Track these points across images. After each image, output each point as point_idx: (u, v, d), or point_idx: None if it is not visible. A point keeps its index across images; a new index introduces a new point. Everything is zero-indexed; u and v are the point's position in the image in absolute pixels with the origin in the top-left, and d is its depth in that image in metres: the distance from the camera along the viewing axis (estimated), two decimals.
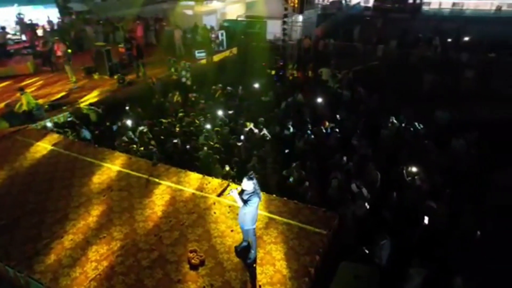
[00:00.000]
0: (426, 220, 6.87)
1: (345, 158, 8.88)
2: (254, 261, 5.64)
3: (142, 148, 9.45)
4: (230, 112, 12.18)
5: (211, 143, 9.66)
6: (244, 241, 5.86)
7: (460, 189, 7.75)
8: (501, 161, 8.97)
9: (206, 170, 8.64)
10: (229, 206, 6.91)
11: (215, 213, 6.76)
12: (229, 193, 5.34)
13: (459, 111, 12.30)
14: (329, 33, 22.72)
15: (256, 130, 10.30)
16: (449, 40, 20.47)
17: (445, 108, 12.21)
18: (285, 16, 18.14)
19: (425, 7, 37.88)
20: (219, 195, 7.26)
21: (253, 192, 5.13)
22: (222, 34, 20.70)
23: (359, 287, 5.37)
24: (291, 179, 8.20)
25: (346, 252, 6.19)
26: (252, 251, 5.64)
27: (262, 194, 5.50)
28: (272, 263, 5.63)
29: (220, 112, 11.76)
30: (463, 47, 19.71)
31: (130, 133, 10.11)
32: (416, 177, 7.99)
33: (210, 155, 9.06)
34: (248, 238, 5.66)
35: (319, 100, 12.83)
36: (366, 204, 7.22)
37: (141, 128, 10.36)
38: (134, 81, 14.86)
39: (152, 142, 9.82)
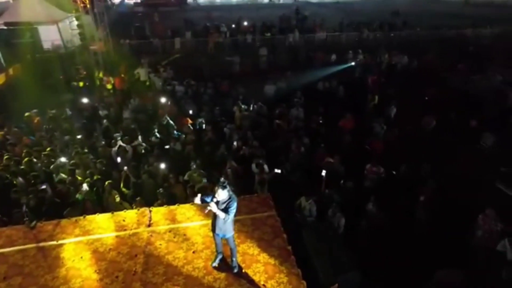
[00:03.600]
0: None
1: (235, 144, 9.32)
2: (239, 267, 5.47)
3: None
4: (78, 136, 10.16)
5: (86, 177, 8.01)
6: (218, 254, 5.53)
7: None
8: None
9: (100, 207, 7.26)
10: (169, 230, 6.21)
11: (161, 244, 5.93)
12: (207, 209, 4.93)
13: (279, 82, 14.69)
14: (119, 34, 21.42)
15: (125, 146, 9.18)
16: (233, 26, 23.22)
17: (269, 82, 14.34)
18: (78, 18, 15.84)
19: None
20: (149, 225, 6.34)
21: (229, 199, 4.92)
22: None
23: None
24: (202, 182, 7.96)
25: None
26: (234, 259, 5.44)
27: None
28: (256, 260, 5.61)
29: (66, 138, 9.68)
30: (244, 31, 22.91)
31: None
32: None
33: (93, 190, 7.56)
34: (230, 245, 5.37)
35: (163, 100, 12.41)
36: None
37: None
38: None
39: None
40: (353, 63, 16.06)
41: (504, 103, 13.11)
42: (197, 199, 4.99)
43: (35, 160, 8.78)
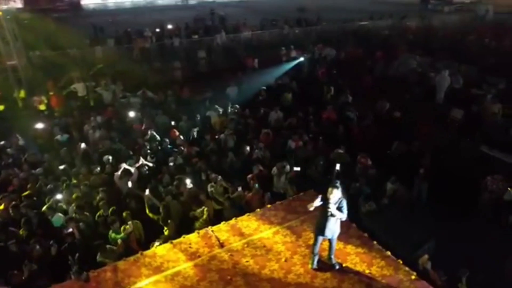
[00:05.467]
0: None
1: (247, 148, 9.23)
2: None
3: None
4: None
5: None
6: (315, 255, 5.58)
7: None
8: None
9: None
10: (246, 245, 5.99)
11: (247, 261, 5.68)
12: (313, 206, 5.03)
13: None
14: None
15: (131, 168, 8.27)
16: (158, 30, 22.04)
17: (232, 84, 14.27)
18: None
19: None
20: (222, 245, 5.98)
21: (340, 198, 5.06)
22: None
23: None
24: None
25: None
26: (332, 256, 5.58)
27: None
28: (346, 253, 5.85)
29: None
30: (170, 34, 21.98)
31: None
32: None
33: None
34: (332, 245, 5.48)
35: (132, 114, 11.37)
36: None
37: None
38: None
39: None
40: (301, 58, 16.93)
41: (428, 83, 15.56)
42: (317, 202, 4.98)
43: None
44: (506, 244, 6.63)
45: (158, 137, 10.01)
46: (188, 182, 7.71)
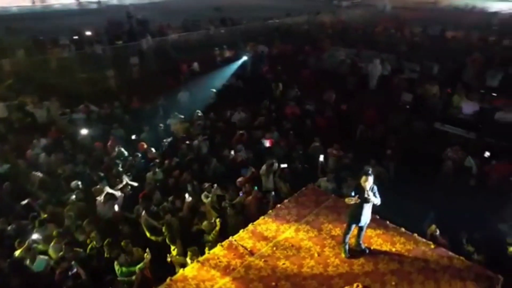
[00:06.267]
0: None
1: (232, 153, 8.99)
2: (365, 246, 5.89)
3: None
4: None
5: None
6: (346, 244, 5.74)
7: None
8: None
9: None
10: (274, 248, 5.90)
11: (284, 263, 5.60)
12: (353, 200, 5.20)
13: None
14: None
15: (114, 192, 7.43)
16: (75, 37, 19.90)
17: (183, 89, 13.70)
18: None
19: None
20: (251, 252, 5.79)
21: (372, 185, 5.30)
22: None
23: None
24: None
25: None
26: (361, 241, 5.82)
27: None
28: (368, 236, 6.14)
29: None
30: (89, 41, 20.06)
31: None
32: None
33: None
34: (364, 231, 5.71)
35: (84, 132, 10.18)
36: None
37: None
38: None
39: None
40: (245, 58, 16.89)
41: (359, 72, 16.97)
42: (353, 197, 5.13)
43: None
44: (474, 202, 7.64)
45: (126, 153, 9.17)
46: (187, 195, 7.24)
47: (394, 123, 10.79)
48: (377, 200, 5.29)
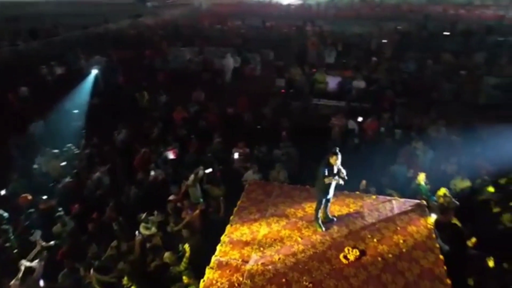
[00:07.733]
0: None
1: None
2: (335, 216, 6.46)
3: None
4: None
5: None
6: (319, 219, 6.17)
7: None
8: None
9: None
10: (260, 248, 5.80)
11: (279, 258, 5.58)
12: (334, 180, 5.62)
13: None
14: None
15: None
16: None
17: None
18: None
19: None
20: (245, 261, 5.51)
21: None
22: None
23: None
24: None
25: None
26: (329, 213, 6.36)
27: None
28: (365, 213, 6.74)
29: None
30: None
31: None
32: None
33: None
34: (329, 204, 6.23)
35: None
36: None
37: None
38: None
39: None
40: (95, 71, 14.43)
41: (212, 67, 17.38)
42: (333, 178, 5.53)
43: None
44: (365, 155, 9.33)
45: (6, 214, 6.91)
46: (137, 233, 6.14)
47: (274, 106, 11.76)
48: (343, 176, 5.85)
